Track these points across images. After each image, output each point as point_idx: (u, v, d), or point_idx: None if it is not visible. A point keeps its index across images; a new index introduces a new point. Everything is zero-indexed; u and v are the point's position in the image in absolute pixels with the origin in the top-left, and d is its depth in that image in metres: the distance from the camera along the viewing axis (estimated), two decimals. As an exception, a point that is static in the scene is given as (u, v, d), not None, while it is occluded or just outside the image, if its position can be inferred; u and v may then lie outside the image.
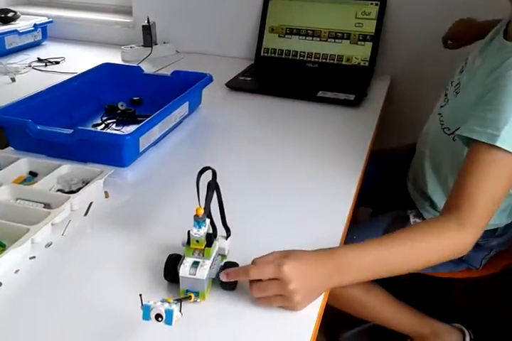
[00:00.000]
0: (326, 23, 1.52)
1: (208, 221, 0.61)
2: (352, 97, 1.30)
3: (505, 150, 0.69)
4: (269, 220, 0.78)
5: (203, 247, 0.59)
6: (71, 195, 0.76)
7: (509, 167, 0.71)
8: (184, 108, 1.08)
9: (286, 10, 1.54)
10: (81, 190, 0.78)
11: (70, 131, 0.85)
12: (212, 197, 0.62)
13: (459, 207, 0.71)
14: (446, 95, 1.02)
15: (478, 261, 1.04)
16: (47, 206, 0.76)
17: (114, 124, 1.07)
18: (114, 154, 0.87)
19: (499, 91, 0.73)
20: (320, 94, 1.32)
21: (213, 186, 0.62)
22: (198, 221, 0.59)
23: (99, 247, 0.71)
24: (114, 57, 1.59)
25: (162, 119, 0.96)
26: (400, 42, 1.50)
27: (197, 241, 0.59)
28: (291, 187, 0.89)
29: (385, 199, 1.24)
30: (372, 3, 1.47)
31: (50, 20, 1.71)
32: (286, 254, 0.62)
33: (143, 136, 0.90)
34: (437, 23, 1.38)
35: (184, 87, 1.10)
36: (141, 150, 0.92)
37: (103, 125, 1.06)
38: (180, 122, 1.09)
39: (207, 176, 0.60)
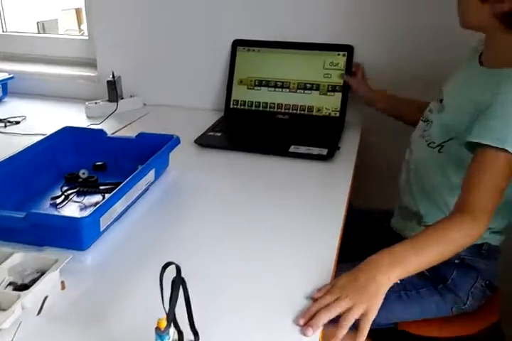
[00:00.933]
0: (294, 74, 1.50)
1: (171, 331, 0.54)
2: (325, 152, 1.27)
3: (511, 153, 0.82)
4: (247, 312, 0.71)
5: None
6: (21, 293, 0.68)
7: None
8: (150, 175, 1.02)
9: (254, 61, 1.52)
10: (34, 285, 0.70)
11: (22, 214, 0.79)
12: (177, 298, 0.56)
13: (471, 203, 0.84)
14: (427, 120, 1.07)
15: (464, 293, 1.03)
16: (-5, 306, 0.68)
17: (75, 195, 1.01)
18: (72, 238, 0.80)
19: (497, 105, 0.86)
20: (292, 149, 1.28)
21: (178, 284, 0.56)
22: (160, 335, 0.52)
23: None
24: (78, 113, 1.54)
25: (125, 193, 0.90)
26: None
27: None
28: (272, 247, 0.86)
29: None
30: (339, 54, 1.46)
31: (11, 75, 1.66)
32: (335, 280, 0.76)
33: (104, 216, 0.83)
34: (405, 69, 1.42)
35: (150, 149, 1.05)
36: (101, 230, 0.85)
37: (63, 197, 0.99)
38: (146, 190, 1.03)
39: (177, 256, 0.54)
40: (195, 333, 0.59)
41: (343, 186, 1.11)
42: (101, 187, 1.03)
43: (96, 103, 1.53)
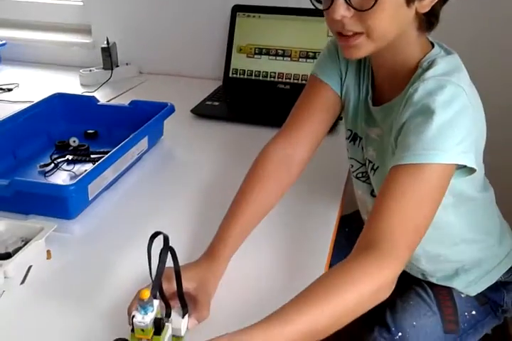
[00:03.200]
0: (296, 41, 1.43)
1: (156, 303, 0.51)
2: (327, 123, 1.22)
3: (434, 163, 0.61)
4: (239, 284, 0.68)
5: (149, 337, 0.50)
6: (3, 262, 0.65)
7: (435, 181, 0.63)
8: (143, 143, 0.99)
9: (255, 28, 1.46)
10: (17, 253, 0.67)
11: (6, 181, 0.75)
12: (163, 270, 0.53)
13: (377, 240, 0.59)
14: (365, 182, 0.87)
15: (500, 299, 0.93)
16: (-24, 275, 0.65)
17: (65, 163, 0.97)
18: (59, 206, 0.77)
19: (408, 126, 0.65)
20: (292, 119, 1.24)
21: (164, 257, 0.53)
22: (142, 306, 0.49)
23: (39, 322, 0.61)
24: (72, 81, 1.49)
25: (116, 160, 0.86)
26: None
27: (142, 330, 0.49)
28: (271, 224, 0.80)
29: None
30: (344, 21, 1.39)
31: (4, 42, 1.60)
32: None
33: (92, 183, 0.80)
34: None
35: (143, 117, 1.01)
36: (90, 198, 0.82)
37: (52, 165, 0.96)
38: (138, 159, 0.99)
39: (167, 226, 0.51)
40: (184, 305, 0.56)
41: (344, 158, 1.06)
42: (92, 156, 0.99)
43: (90, 70, 1.47)
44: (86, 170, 0.94)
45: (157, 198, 0.90)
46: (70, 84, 1.47)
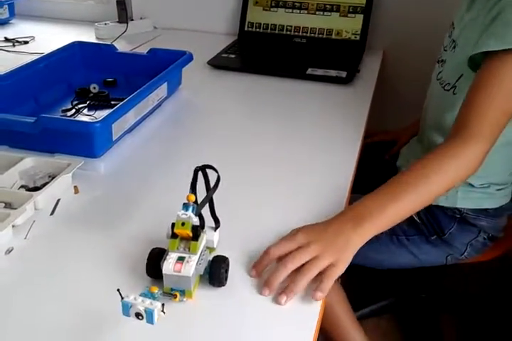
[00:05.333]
0: (313, -6, 1.42)
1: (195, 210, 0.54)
2: (344, 74, 1.22)
3: None
4: (262, 208, 0.72)
5: (188, 232, 0.53)
6: (34, 193, 0.67)
7: None
8: (162, 90, 0.99)
9: (271, -20, 1.44)
10: (46, 186, 0.69)
11: (33, 119, 0.76)
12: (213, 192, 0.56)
13: (467, 122, 0.70)
14: (442, 61, 0.96)
15: (462, 245, 0.96)
16: (8, 205, 0.67)
17: (86, 109, 0.98)
18: (84, 144, 0.78)
19: (504, 14, 0.73)
20: (309, 71, 1.23)
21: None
22: (187, 205, 0.53)
23: (69, 249, 0.63)
24: (88, 35, 1.48)
25: (137, 103, 0.87)
26: (392, 13, 1.40)
27: (183, 223, 0.52)
28: (285, 171, 0.82)
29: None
30: (362, -28, 1.37)
31: (18, -4, 1.59)
32: (298, 228, 0.62)
33: (116, 123, 0.81)
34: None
35: (162, 66, 1.01)
36: (114, 139, 0.83)
37: (73, 110, 0.97)
38: (158, 105, 1.00)
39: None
40: (216, 220, 0.59)
41: (362, 111, 1.06)
42: (112, 102, 1.00)
43: (106, 24, 1.47)
44: (107, 115, 0.96)
45: (177, 142, 0.91)
46: (86, 37, 1.46)
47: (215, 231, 0.59)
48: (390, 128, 1.33)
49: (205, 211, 0.56)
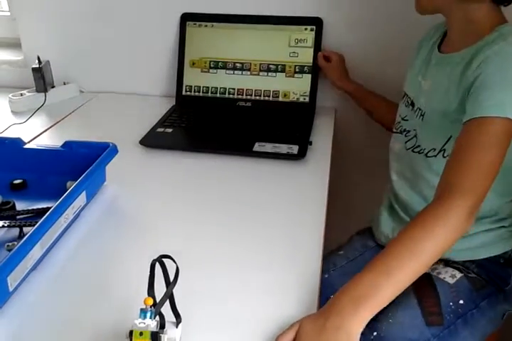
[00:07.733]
0: (255, 53, 1.28)
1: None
2: (295, 149, 1.08)
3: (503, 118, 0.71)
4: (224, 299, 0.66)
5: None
6: None
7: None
8: (79, 200, 0.82)
9: (208, 39, 1.30)
10: None
11: None
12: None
13: (458, 184, 0.70)
14: (405, 131, 0.96)
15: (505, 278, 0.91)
16: None
17: (-15, 230, 0.80)
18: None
19: (483, 75, 0.75)
20: (257, 147, 1.09)
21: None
22: (144, 312, 0.50)
23: None
24: (1, 106, 1.30)
25: (43, 235, 0.70)
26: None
27: (141, 333, 0.48)
28: (243, 263, 0.74)
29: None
30: (306, 29, 1.25)
31: None
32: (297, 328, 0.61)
33: (13, 273, 0.63)
34: (379, 46, 1.25)
35: (80, 162, 0.86)
36: (11, 290, 0.66)
37: (-32, 234, 0.79)
38: (75, 218, 0.83)
39: None
40: (177, 315, 0.57)
41: (320, 186, 0.96)
42: (18, 217, 0.82)
43: (22, 95, 1.28)
44: (12, 237, 0.79)
45: (101, 264, 0.74)
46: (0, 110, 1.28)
47: (176, 327, 0.57)
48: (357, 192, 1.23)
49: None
